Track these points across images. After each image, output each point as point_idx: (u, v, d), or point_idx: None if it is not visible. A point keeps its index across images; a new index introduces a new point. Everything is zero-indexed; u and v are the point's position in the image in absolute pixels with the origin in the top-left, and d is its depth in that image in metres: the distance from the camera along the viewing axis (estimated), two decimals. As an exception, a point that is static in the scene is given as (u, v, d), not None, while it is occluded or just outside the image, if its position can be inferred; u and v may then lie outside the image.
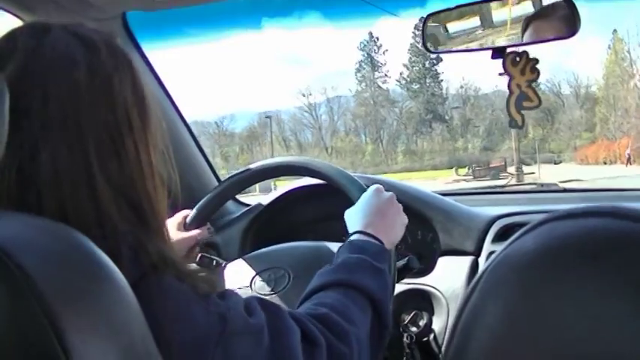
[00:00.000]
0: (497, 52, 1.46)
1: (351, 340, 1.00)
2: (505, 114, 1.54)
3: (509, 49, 1.49)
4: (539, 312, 0.50)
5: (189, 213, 1.58)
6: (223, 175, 1.97)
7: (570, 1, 1.35)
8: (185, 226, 1.56)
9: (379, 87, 54.55)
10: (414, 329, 1.56)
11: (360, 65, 55.15)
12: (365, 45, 54.67)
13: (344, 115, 55.36)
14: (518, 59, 1.50)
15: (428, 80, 53.09)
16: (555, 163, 43.29)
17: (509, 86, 1.53)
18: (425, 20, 1.49)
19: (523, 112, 1.52)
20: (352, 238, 1.23)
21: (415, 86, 53.31)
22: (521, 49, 1.50)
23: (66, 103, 0.85)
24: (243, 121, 56.03)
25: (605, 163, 35.93)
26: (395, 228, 1.29)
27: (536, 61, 1.50)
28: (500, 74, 1.48)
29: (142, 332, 0.73)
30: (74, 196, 0.83)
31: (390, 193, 1.35)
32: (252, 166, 1.66)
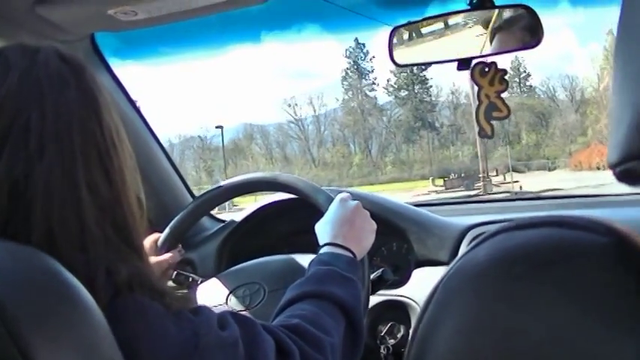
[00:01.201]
0: (463, 64, 1.47)
1: (325, 348, 1.01)
2: (498, 121, 1.55)
3: (477, 60, 1.50)
4: (494, 322, 0.51)
5: (159, 236, 1.58)
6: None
7: (533, 11, 1.37)
8: (157, 250, 1.56)
9: (366, 95, 53.32)
10: (390, 341, 1.56)
11: (347, 73, 53.86)
12: (351, 52, 53.43)
13: (331, 125, 54.11)
14: (487, 70, 1.52)
15: (416, 87, 51.79)
16: (549, 170, 42.29)
17: (478, 96, 1.54)
18: (391, 34, 1.51)
19: (492, 122, 1.53)
20: (322, 250, 1.25)
21: (403, 93, 51.97)
22: (489, 59, 1.52)
23: (61, 121, 0.86)
24: (228, 135, 54.81)
25: (598, 169, 34.06)
26: (364, 235, 1.31)
27: (505, 72, 1.52)
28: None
29: (110, 353, 0.73)
30: (62, 216, 0.84)
31: (356, 201, 1.36)
32: (223, 183, 1.67)
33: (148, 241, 1.55)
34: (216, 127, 46.87)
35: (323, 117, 53.64)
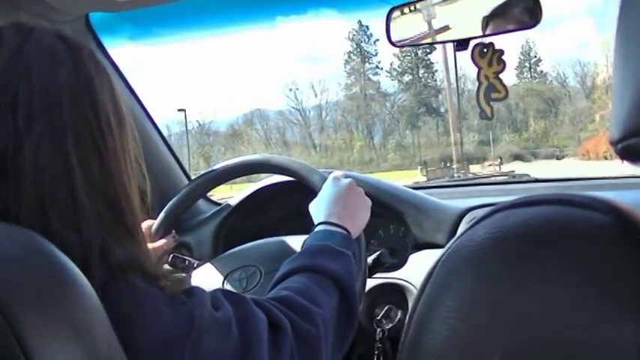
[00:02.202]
0: (462, 44, 1.46)
1: (316, 319, 1.01)
2: (505, 107, 1.55)
3: (476, 41, 1.50)
4: (492, 301, 0.50)
5: (153, 222, 1.57)
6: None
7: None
8: (151, 236, 1.55)
9: (369, 79, 50.98)
10: (387, 324, 1.56)
11: (349, 56, 51.45)
12: (354, 35, 50.78)
13: (333, 111, 52.11)
14: (485, 50, 1.51)
15: (421, 71, 49.52)
16: (558, 159, 40.62)
17: (478, 78, 1.54)
18: (389, 14, 1.49)
19: (492, 103, 1.53)
20: (316, 229, 1.25)
21: (407, 78, 49.60)
22: (487, 40, 1.51)
23: (50, 98, 0.86)
24: (227, 120, 53.96)
25: (606, 158, 32.38)
26: (358, 212, 1.31)
27: (502, 52, 1.52)
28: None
29: (106, 335, 0.73)
30: (53, 191, 0.84)
31: (349, 179, 1.37)
32: (216, 167, 1.67)
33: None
34: (179, 110, 43.37)
35: (324, 102, 52.02)
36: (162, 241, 1.55)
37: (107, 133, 0.91)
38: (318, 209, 1.31)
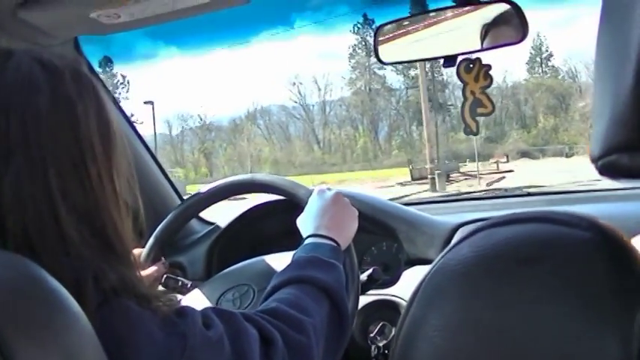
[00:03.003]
0: (449, 60, 1.47)
1: (307, 328, 1.02)
2: (514, 103, 1.56)
3: (462, 56, 1.50)
4: (476, 320, 0.50)
5: (141, 251, 1.57)
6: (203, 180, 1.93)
7: (518, 7, 1.37)
8: (140, 264, 1.55)
9: (374, 73, 49.64)
10: (381, 340, 1.55)
11: (354, 50, 49.99)
12: (359, 28, 48.70)
13: (337, 106, 50.72)
14: (471, 66, 1.52)
15: (427, 65, 45.40)
16: (567, 156, 38.73)
17: (463, 93, 1.54)
18: (376, 32, 1.50)
19: (477, 118, 1.53)
20: (305, 242, 1.26)
21: (413, 72, 46.03)
22: (474, 55, 1.52)
23: (28, 128, 0.84)
24: (230, 115, 52.63)
25: None
26: (345, 223, 1.33)
27: (489, 67, 1.52)
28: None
29: (97, 358, 0.72)
30: (37, 223, 0.83)
31: (334, 191, 1.38)
32: (202, 190, 1.67)
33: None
34: (145, 103, 38.10)
35: (329, 97, 50.73)
36: (152, 268, 1.55)
37: (90, 162, 0.89)
38: (305, 223, 1.32)
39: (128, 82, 44.69)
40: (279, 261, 1.45)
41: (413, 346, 0.54)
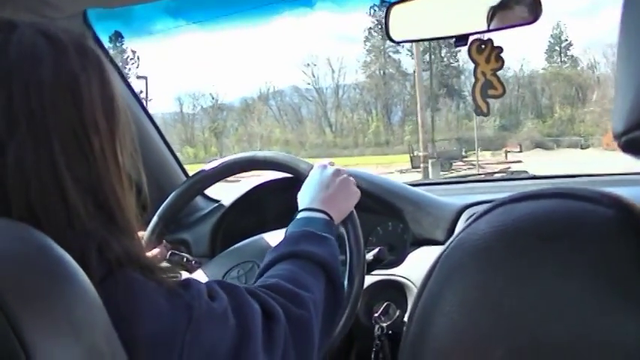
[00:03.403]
0: (461, 40, 1.46)
1: (307, 303, 1.03)
2: (531, 92, 1.54)
3: (474, 37, 1.50)
4: (496, 297, 0.50)
5: (143, 233, 1.57)
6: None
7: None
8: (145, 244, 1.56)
9: (389, 57, 47.82)
10: (385, 321, 1.55)
11: (370, 33, 48.04)
12: (376, 10, 46.35)
13: (351, 89, 49.04)
14: (483, 47, 1.51)
15: (443, 50, 45.64)
16: (582, 148, 37.44)
17: (474, 74, 1.53)
18: (387, 10, 1.49)
19: (488, 100, 1.53)
20: (298, 215, 1.28)
21: (428, 57, 43.44)
22: (486, 36, 1.51)
23: (31, 101, 0.84)
24: (242, 95, 51.45)
25: None
26: (341, 198, 1.34)
27: (501, 49, 1.51)
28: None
29: (105, 330, 0.73)
30: (42, 195, 0.83)
31: (335, 167, 1.39)
32: (205, 167, 1.68)
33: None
34: (138, 78, 35.64)
35: (342, 79, 49.04)
36: (155, 251, 1.55)
37: (93, 135, 0.89)
38: (302, 197, 1.34)
39: (138, 58, 44.02)
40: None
41: (429, 322, 0.54)
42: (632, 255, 0.46)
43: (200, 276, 1.50)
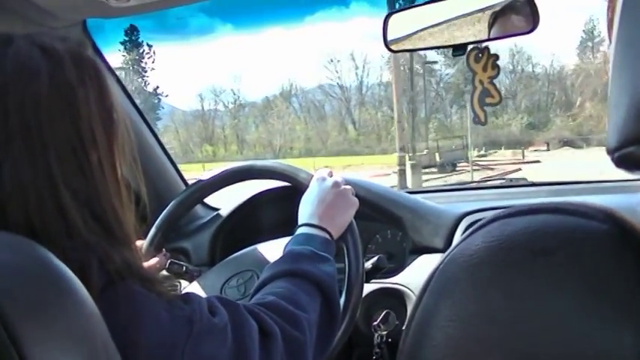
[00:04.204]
0: (458, 49, 1.46)
1: (302, 324, 1.03)
2: (561, 88, 1.54)
3: (471, 46, 1.50)
4: (490, 311, 0.50)
5: (142, 243, 1.57)
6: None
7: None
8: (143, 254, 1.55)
9: (416, 53, 45.72)
10: (385, 329, 1.56)
11: None
12: (400, 4, 44.81)
13: (375, 86, 46.98)
14: (480, 55, 1.51)
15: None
16: None
17: (472, 82, 1.54)
18: (386, 19, 1.49)
19: (485, 108, 1.53)
20: (298, 231, 1.27)
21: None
22: (482, 45, 1.51)
23: (27, 116, 0.84)
24: (264, 92, 50.29)
25: None
26: (339, 213, 1.33)
27: (497, 57, 1.52)
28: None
29: (103, 342, 0.73)
30: (40, 210, 0.83)
31: (334, 178, 1.38)
32: (203, 178, 1.67)
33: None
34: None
35: (366, 76, 46.74)
36: (154, 260, 1.55)
37: (90, 147, 0.89)
38: (302, 210, 1.33)
39: (154, 53, 43.26)
40: (282, 247, 1.46)
41: (425, 335, 0.54)
42: (626, 270, 0.47)
43: (199, 286, 1.50)
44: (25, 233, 0.78)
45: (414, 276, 1.63)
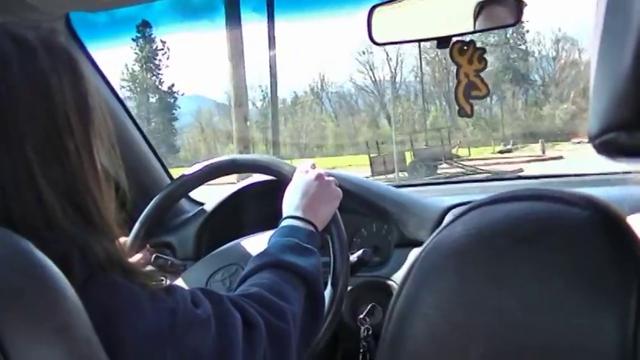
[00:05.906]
0: (442, 42, 1.47)
1: (287, 316, 1.03)
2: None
3: (455, 38, 1.50)
4: (473, 299, 0.50)
5: (126, 239, 1.56)
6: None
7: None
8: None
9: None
10: (371, 322, 1.56)
11: None
12: None
13: (410, 76, 44.19)
14: (465, 48, 1.51)
15: (509, 32, 38.71)
16: None
17: (457, 75, 1.54)
18: (370, 11, 1.49)
19: (472, 101, 1.53)
20: (282, 223, 1.28)
21: (492, 39, 38.51)
22: (468, 38, 1.52)
23: (1, 105, 0.83)
24: (294, 87, 47.75)
25: None
26: (322, 205, 1.33)
27: (484, 50, 1.52)
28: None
29: (85, 333, 0.73)
30: (19, 201, 0.83)
31: (317, 170, 1.39)
32: (185, 173, 1.68)
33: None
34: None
35: (400, 68, 44.08)
36: (138, 256, 1.55)
37: (66, 135, 0.88)
38: (286, 203, 1.34)
39: (169, 49, 41.92)
40: (267, 240, 1.46)
41: (407, 324, 0.54)
42: (607, 256, 0.47)
43: (184, 280, 1.49)
44: (5, 222, 0.78)
45: (400, 269, 1.63)
